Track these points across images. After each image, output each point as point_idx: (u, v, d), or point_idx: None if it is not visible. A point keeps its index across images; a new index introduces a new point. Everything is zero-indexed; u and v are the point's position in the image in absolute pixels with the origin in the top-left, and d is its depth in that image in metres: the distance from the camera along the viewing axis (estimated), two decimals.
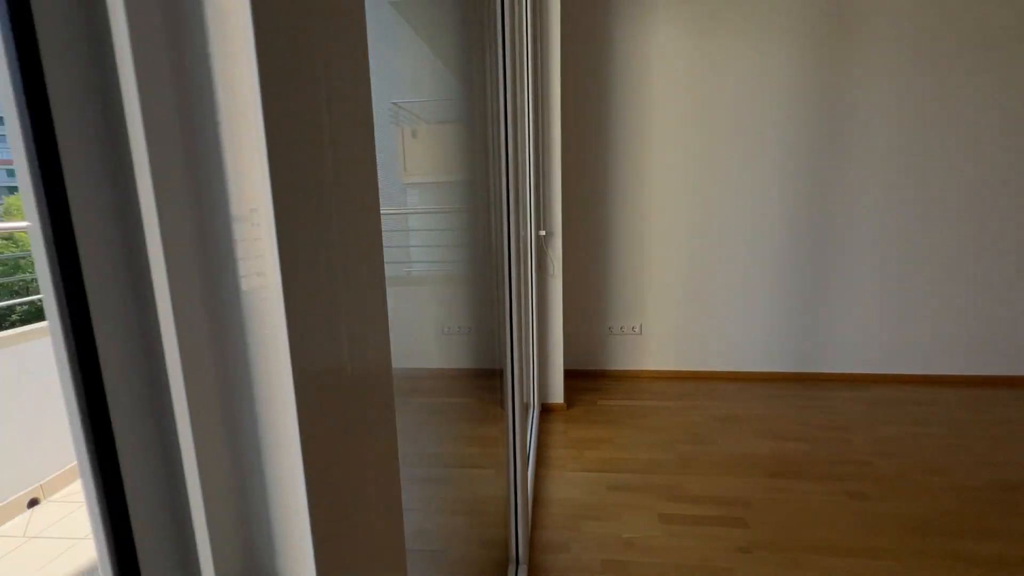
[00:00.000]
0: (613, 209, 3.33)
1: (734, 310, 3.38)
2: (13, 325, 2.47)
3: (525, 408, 2.13)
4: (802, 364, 3.41)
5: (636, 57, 3.14)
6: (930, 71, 3.00)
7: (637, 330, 3.46)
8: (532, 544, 1.96)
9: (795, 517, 2.09)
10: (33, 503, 2.33)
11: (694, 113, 3.16)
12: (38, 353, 2.41)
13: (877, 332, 3.32)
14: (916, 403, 3.09)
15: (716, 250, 3.31)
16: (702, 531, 2.03)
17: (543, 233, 2.88)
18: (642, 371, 3.52)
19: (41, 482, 2.37)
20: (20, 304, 3.11)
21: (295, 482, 0.24)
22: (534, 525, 2.07)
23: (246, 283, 0.23)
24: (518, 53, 1.59)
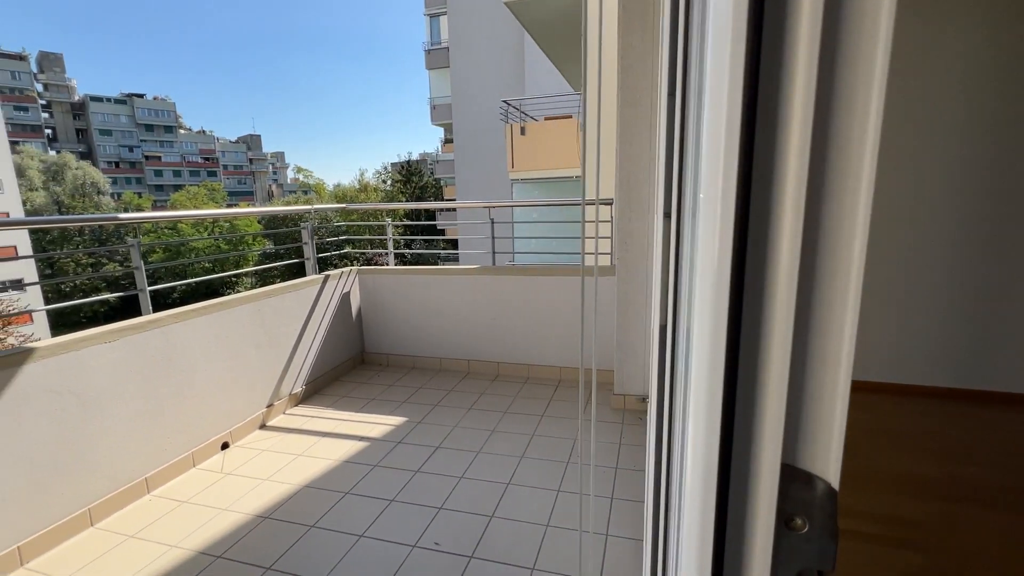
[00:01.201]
0: None
1: (888, 313, 3.01)
2: (173, 304, 2.84)
3: None
4: (971, 379, 2.96)
5: None
6: None
7: None
8: None
9: (982, 549, 1.83)
10: (225, 446, 2.69)
11: None
12: (228, 320, 2.76)
13: None
14: None
15: (868, 242, 2.97)
16: (864, 548, 1.84)
17: None
18: None
19: (230, 429, 2.73)
20: (181, 285, 3.55)
21: (839, 395, 0.39)
22: None
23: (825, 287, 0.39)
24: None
